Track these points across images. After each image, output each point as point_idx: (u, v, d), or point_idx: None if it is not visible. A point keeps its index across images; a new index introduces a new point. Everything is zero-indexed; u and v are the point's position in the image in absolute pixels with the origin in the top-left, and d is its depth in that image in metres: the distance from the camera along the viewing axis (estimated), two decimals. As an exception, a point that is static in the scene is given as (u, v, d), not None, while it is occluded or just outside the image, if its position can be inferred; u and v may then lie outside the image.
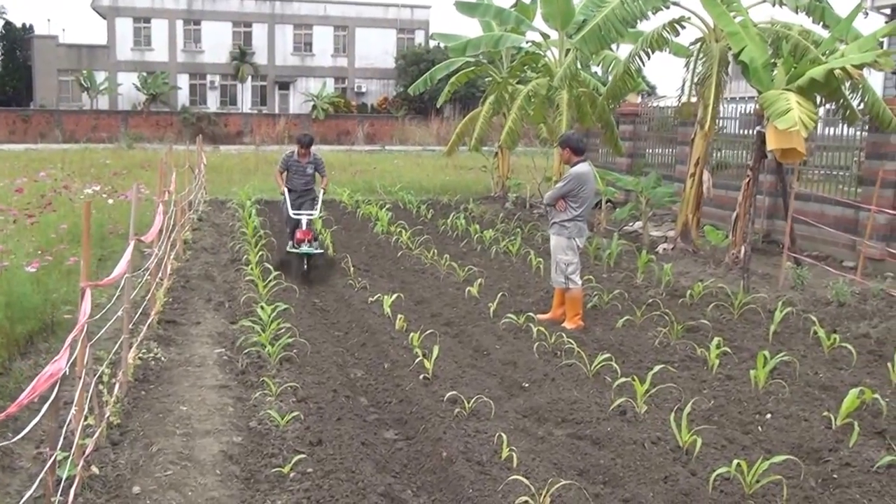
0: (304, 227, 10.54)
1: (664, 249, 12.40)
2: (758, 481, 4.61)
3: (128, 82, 46.93)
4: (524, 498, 4.36)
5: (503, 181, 19.11)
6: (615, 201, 16.33)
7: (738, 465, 4.64)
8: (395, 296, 8.61)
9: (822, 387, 6.45)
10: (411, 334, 7.21)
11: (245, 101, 50.27)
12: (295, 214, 10.73)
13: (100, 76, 46.77)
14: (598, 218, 14.58)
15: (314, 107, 46.39)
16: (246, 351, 6.81)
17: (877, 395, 5.80)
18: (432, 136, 42.20)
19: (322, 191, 11.31)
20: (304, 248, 10.33)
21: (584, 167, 8.04)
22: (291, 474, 4.72)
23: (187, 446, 5.09)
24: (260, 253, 10.50)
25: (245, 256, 10.65)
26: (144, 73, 46.85)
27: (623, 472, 4.87)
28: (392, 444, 5.41)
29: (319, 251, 10.70)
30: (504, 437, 5.06)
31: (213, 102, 49.63)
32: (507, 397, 6.18)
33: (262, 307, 7.62)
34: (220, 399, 5.96)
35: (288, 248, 10.82)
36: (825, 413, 5.77)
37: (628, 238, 13.47)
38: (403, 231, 12.88)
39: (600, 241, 12.32)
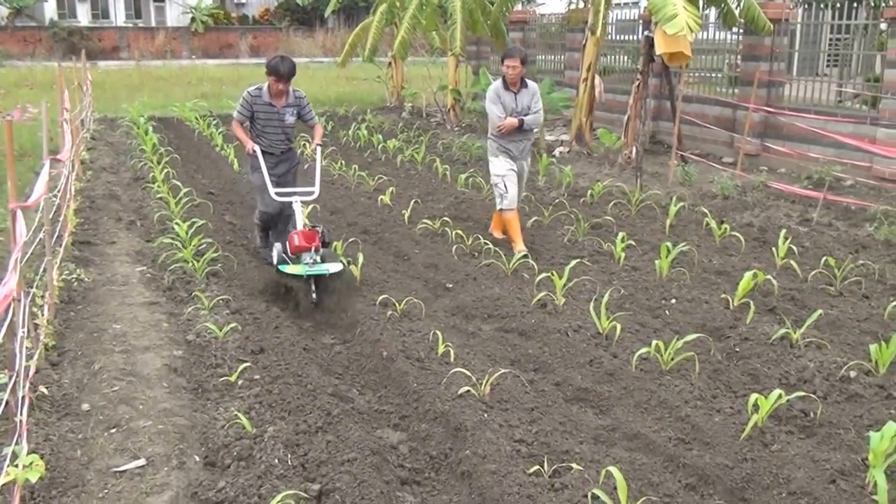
0: (299, 222, 6.28)
1: (561, 153, 12.70)
2: (672, 359, 4.97)
3: (-13, -4, 43.14)
4: (466, 387, 4.56)
5: (398, 91, 18.92)
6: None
7: (657, 345, 4.98)
8: (310, 207, 8.55)
9: (717, 272, 6.90)
10: (333, 243, 7.23)
11: (118, 13, 47.13)
12: (280, 196, 6.53)
13: (-45, -11, 42.79)
14: (494, 124, 14.69)
15: (193, 19, 44.06)
16: (171, 267, 6.68)
17: (769, 277, 6.27)
18: (318, 47, 40.99)
19: (318, 148, 6.93)
20: (309, 265, 5.98)
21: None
22: (239, 382, 4.75)
23: (129, 362, 5.04)
24: (165, 170, 10.14)
25: (151, 174, 10.26)
26: (6, -14, 43.13)
27: (551, 359, 5.14)
28: (331, 347, 5.50)
29: (338, 267, 6.06)
30: (439, 334, 5.23)
31: (83, 16, 46.27)
32: (434, 298, 6.34)
33: (177, 224, 7.44)
34: (151, 315, 5.87)
35: (276, 263, 6.31)
36: (723, 295, 6.22)
37: (524, 143, 13.67)
38: (307, 144, 12.66)
39: (499, 146, 12.48)
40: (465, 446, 4.00)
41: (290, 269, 6.02)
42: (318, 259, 6.04)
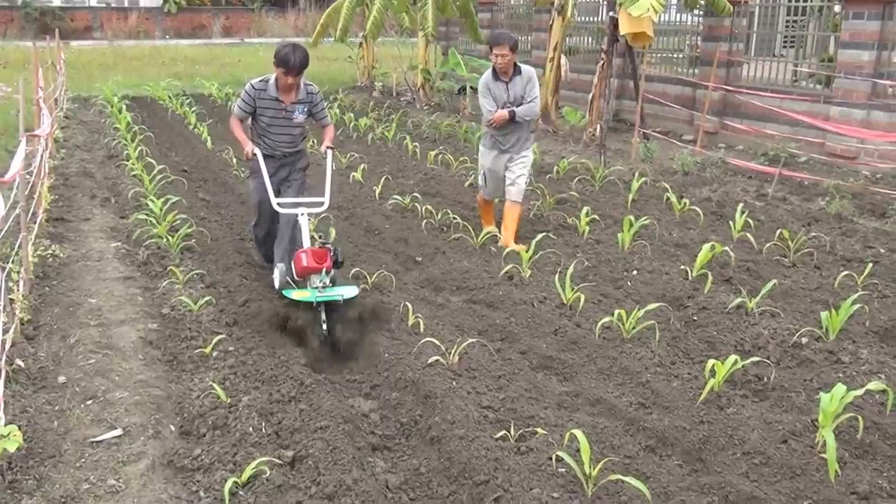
0: (304, 239, 5.15)
1: (527, 131, 12.69)
2: (634, 327, 5.01)
3: (-41, -25, 41.87)
4: (435, 357, 4.57)
5: (369, 71, 18.76)
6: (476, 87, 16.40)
7: (619, 314, 5.02)
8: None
9: (676, 245, 6.97)
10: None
11: (91, -6, 46.06)
12: (282, 207, 5.42)
13: (-74, -32, 41.48)
14: (463, 103, 14.66)
15: (166, 0, 43.21)
16: (145, 243, 6.60)
17: (726, 249, 6.34)
18: (290, 27, 40.40)
19: (329, 152, 5.74)
20: (319, 289, 4.84)
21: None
22: (214, 354, 4.72)
23: (104, 336, 4.99)
24: (139, 148, 9.98)
25: (125, 152, 10.10)
26: (-23, -34, 41.89)
27: (517, 329, 5.17)
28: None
29: (353, 292, 4.95)
30: (409, 306, 5.24)
31: (56, -4, 45.18)
32: (404, 271, 6.34)
33: (151, 200, 7.34)
34: (127, 290, 5.81)
35: (278, 286, 5.29)
36: (682, 266, 6.28)
37: (492, 121, 13.66)
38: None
39: (468, 125, 12.47)
40: (435, 413, 4.01)
41: (296, 294, 4.87)
42: (329, 282, 4.90)
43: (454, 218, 7.30)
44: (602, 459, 3.52)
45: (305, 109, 5.65)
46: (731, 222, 7.31)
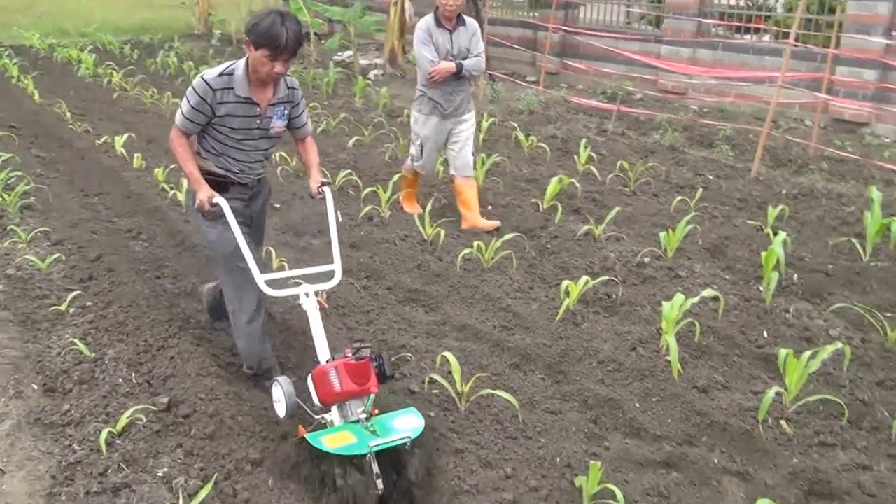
0: (318, 337, 3.30)
1: (375, 75, 12.69)
2: (493, 258, 5.27)
3: None
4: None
5: (205, 18, 17.99)
6: (320, 33, 16.14)
7: (478, 246, 5.26)
8: (126, 136, 8.10)
9: (527, 180, 7.30)
10: (154, 170, 6.95)
11: None
12: (273, 288, 3.40)
13: None
14: (308, 49, 14.40)
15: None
16: (-22, 203, 6.18)
17: (573, 181, 6.72)
18: (113, -27, 37.77)
19: (326, 190, 3.76)
20: (366, 427, 2.94)
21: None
22: (71, 310, 4.56)
23: (-56, 302, 4.69)
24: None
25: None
26: None
27: (382, 267, 5.30)
28: (162, 264, 5.35)
29: (418, 424, 2.95)
30: (272, 250, 5.24)
31: None
32: (263, 218, 6.28)
33: (-20, 159, 6.86)
34: (-38, 254, 5.45)
35: (284, 415, 3.19)
36: (533, 199, 6.60)
37: (340, 67, 13.54)
38: (114, 73, 11.86)
39: (316, 71, 12.31)
40: (307, 350, 4.09)
41: (332, 443, 2.83)
42: (373, 409, 3.12)
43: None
44: (472, 378, 3.74)
45: (286, 113, 3.77)
46: (575, 157, 7.72)
